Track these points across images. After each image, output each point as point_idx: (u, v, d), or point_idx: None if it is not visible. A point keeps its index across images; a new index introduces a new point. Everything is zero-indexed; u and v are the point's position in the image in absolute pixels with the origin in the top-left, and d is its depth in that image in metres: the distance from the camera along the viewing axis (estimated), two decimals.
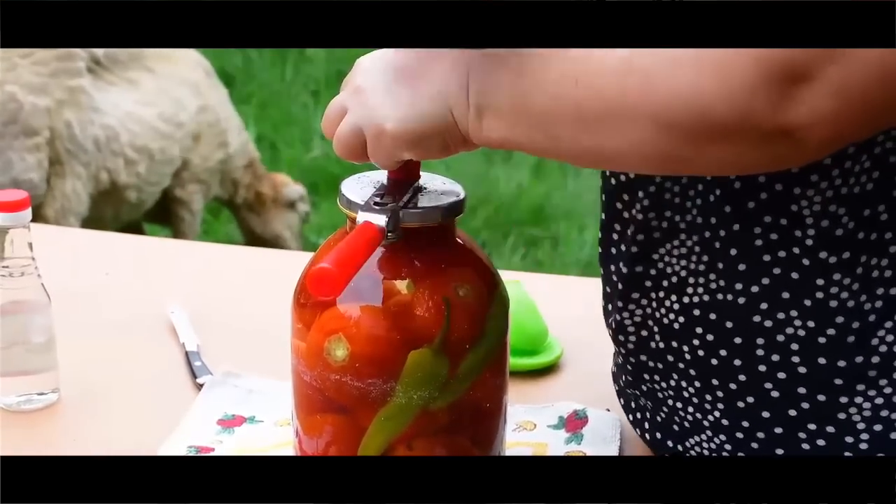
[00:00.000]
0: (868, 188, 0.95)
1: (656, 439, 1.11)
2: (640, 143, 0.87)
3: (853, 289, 0.97)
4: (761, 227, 0.98)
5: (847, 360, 0.98)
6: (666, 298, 1.05)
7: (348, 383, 0.99)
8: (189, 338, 1.34)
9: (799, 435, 1.00)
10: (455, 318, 0.99)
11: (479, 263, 1.05)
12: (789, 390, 0.99)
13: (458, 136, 0.96)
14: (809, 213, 0.96)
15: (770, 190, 0.97)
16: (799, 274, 0.98)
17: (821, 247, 0.97)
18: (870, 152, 0.95)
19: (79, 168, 2.91)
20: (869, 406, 0.98)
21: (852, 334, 0.97)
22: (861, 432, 0.98)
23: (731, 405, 1.02)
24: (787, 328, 0.99)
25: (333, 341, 1.00)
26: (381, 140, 0.97)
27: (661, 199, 1.03)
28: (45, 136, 2.83)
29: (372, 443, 1.01)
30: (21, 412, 1.23)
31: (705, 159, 0.87)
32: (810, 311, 0.98)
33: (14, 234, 1.19)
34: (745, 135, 0.84)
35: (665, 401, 1.08)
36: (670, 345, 1.06)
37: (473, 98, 0.94)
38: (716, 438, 1.04)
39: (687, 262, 1.03)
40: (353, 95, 0.99)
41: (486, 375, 1.02)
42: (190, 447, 1.16)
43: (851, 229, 0.96)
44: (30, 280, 1.21)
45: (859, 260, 0.96)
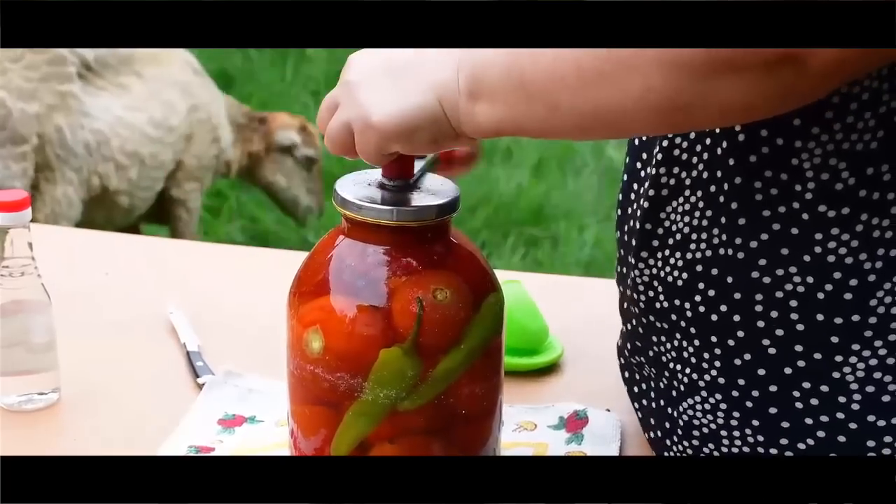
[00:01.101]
0: (872, 146, 0.96)
1: (657, 407, 1.11)
2: (645, 92, 0.87)
3: (852, 245, 0.97)
4: (762, 182, 0.98)
5: (844, 317, 0.98)
6: (671, 256, 1.05)
7: (321, 376, 1.00)
8: (190, 338, 1.34)
9: (793, 393, 1.00)
10: (428, 320, 0.98)
11: (470, 266, 1.04)
12: (786, 347, 1.00)
13: (448, 129, 0.96)
14: (810, 167, 0.97)
15: (771, 144, 0.97)
16: (798, 229, 0.98)
17: (820, 200, 0.97)
18: (874, 111, 0.95)
19: (70, 173, 2.91)
20: (863, 367, 0.98)
21: (850, 291, 0.97)
22: (854, 393, 0.99)
23: (728, 363, 1.03)
24: (786, 284, 0.99)
25: (311, 333, 1.00)
26: (368, 133, 0.97)
27: (671, 155, 1.04)
28: (32, 144, 2.83)
29: (343, 438, 1.01)
30: (22, 412, 1.23)
31: (711, 100, 0.87)
32: (809, 266, 0.98)
33: (14, 233, 1.19)
34: (751, 63, 0.84)
35: (667, 364, 1.09)
36: (673, 303, 1.06)
37: (465, 84, 0.94)
38: (710, 398, 1.05)
39: (691, 218, 1.03)
40: (344, 90, 0.99)
41: (462, 382, 1.00)
42: (190, 447, 1.16)
43: (852, 185, 0.96)
44: (30, 280, 1.21)
45: (859, 217, 0.97)
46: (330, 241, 1.04)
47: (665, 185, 1.05)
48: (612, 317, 1.20)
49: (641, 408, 1.14)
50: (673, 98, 0.87)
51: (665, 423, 1.10)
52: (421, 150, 0.99)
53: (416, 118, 0.96)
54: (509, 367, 1.26)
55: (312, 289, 1.02)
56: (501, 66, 0.93)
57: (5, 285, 1.20)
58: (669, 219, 1.05)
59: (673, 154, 1.04)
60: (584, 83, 0.89)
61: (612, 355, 1.21)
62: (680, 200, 1.04)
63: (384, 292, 0.99)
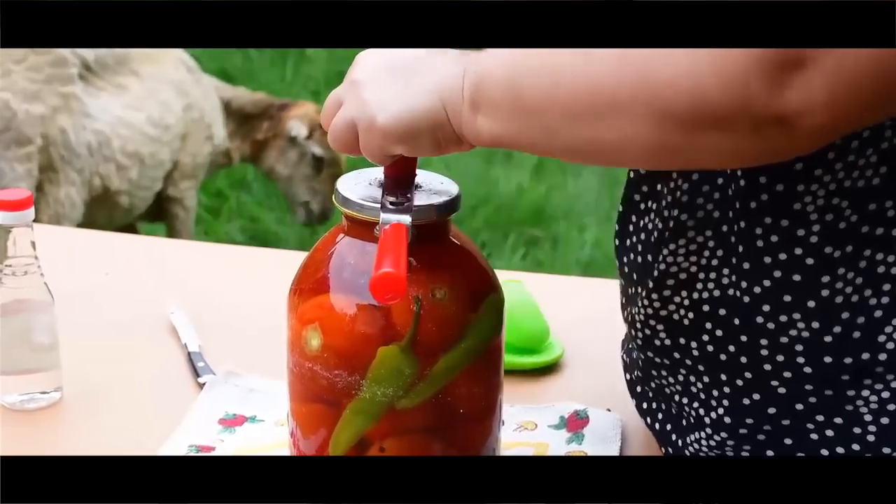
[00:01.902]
0: (874, 183, 0.95)
1: (661, 429, 1.11)
2: (635, 134, 0.87)
3: (857, 283, 0.97)
4: (762, 228, 0.98)
5: (853, 356, 0.97)
6: (675, 295, 1.05)
7: (319, 373, 1.00)
8: (191, 338, 1.34)
9: (807, 426, 1.00)
10: (426, 319, 0.98)
11: (470, 267, 1.04)
12: (796, 387, 0.99)
13: (451, 133, 0.96)
14: (814, 209, 0.96)
15: (771, 191, 0.97)
16: (801, 276, 0.97)
17: (825, 242, 0.96)
18: (876, 147, 0.95)
19: (73, 174, 2.91)
20: (876, 399, 0.98)
21: (858, 330, 0.97)
22: (868, 424, 0.98)
23: (736, 402, 1.02)
24: (791, 330, 0.98)
25: (309, 330, 1.00)
26: (372, 134, 0.97)
27: (673, 197, 1.03)
28: (37, 145, 2.83)
29: (341, 436, 1.01)
30: (24, 411, 1.23)
31: (700, 149, 0.87)
32: (814, 311, 0.97)
33: (17, 233, 1.20)
34: (741, 122, 0.84)
35: (672, 396, 1.08)
36: (678, 341, 1.06)
37: (468, 93, 0.94)
38: (715, 436, 1.04)
39: (698, 257, 1.03)
40: (350, 88, 0.99)
41: (460, 381, 1.00)
42: (191, 446, 1.16)
43: (854, 222, 0.96)
44: (33, 279, 1.21)
45: (862, 254, 0.96)
46: (330, 239, 1.04)
47: (664, 227, 1.04)
48: (613, 317, 1.20)
49: (649, 425, 1.14)
50: (663, 143, 0.87)
51: (668, 448, 1.11)
52: (424, 153, 0.99)
53: (420, 121, 0.96)
54: (510, 366, 1.26)
55: (312, 286, 1.03)
56: (504, 80, 0.93)
57: (8, 284, 1.20)
58: (667, 260, 1.04)
59: (676, 195, 1.03)
60: (578, 116, 0.89)
61: (612, 355, 1.21)
62: (681, 242, 1.03)
63: None
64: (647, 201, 1.07)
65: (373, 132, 0.97)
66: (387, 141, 0.97)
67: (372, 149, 0.98)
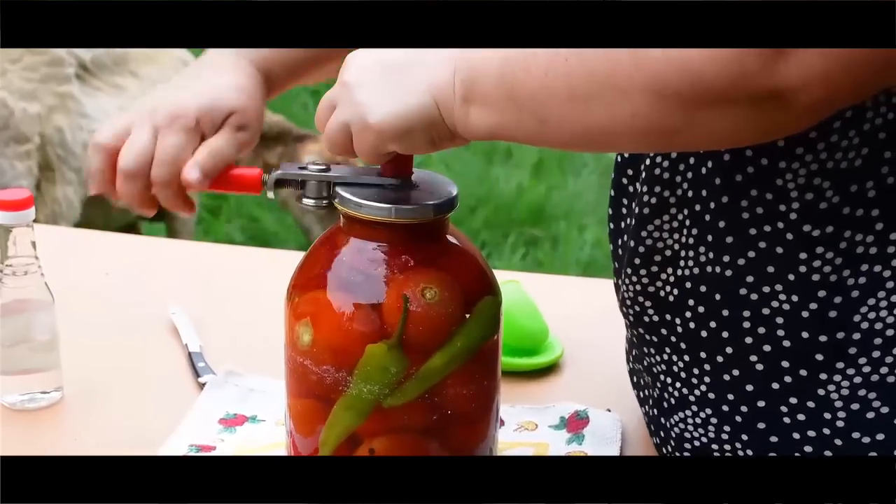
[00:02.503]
0: (856, 164, 0.95)
1: (652, 416, 1.12)
2: (631, 117, 0.88)
3: (836, 263, 0.97)
4: (748, 201, 0.98)
5: (828, 335, 0.98)
6: (661, 272, 1.06)
7: (309, 368, 1.00)
8: (192, 338, 1.35)
9: (781, 409, 1.01)
10: (415, 318, 0.98)
11: (465, 267, 1.04)
12: (773, 363, 1.00)
13: (445, 129, 0.97)
14: (794, 187, 0.97)
15: (756, 164, 0.97)
16: (783, 248, 0.98)
17: (804, 220, 0.97)
18: (858, 128, 0.95)
19: (69, 174, 2.90)
20: (847, 384, 0.98)
21: (834, 309, 0.98)
22: (839, 410, 0.99)
23: (717, 378, 1.03)
24: (773, 301, 0.99)
25: (302, 325, 1.01)
26: (366, 134, 0.98)
27: (653, 174, 1.04)
28: (35, 143, 2.83)
29: (331, 432, 1.01)
30: (24, 411, 1.23)
31: (697, 128, 0.88)
32: (794, 285, 0.98)
33: (17, 232, 1.20)
34: (737, 98, 0.84)
35: (658, 376, 1.09)
36: (664, 318, 1.07)
37: (460, 88, 0.95)
38: (701, 413, 1.05)
39: (679, 235, 1.04)
40: (342, 90, 1.00)
41: (448, 382, 1.00)
42: (191, 446, 1.16)
43: (836, 203, 0.96)
44: (33, 279, 1.21)
45: (843, 235, 0.97)
46: (328, 237, 1.05)
47: (647, 203, 1.05)
48: (613, 317, 1.20)
49: (644, 413, 1.15)
50: (659, 125, 0.88)
51: (660, 432, 1.11)
52: (418, 150, 0.99)
53: (413, 119, 0.96)
54: (509, 367, 1.27)
55: (307, 282, 1.03)
56: (495, 72, 0.93)
57: (9, 284, 1.21)
58: (653, 237, 1.06)
59: (654, 173, 1.04)
60: (573, 102, 0.90)
61: (612, 355, 1.22)
62: (665, 218, 1.05)
63: (375, 288, 1.00)
64: (634, 183, 1.08)
65: (367, 132, 0.97)
66: (381, 140, 0.97)
67: (366, 149, 0.99)
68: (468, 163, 4.05)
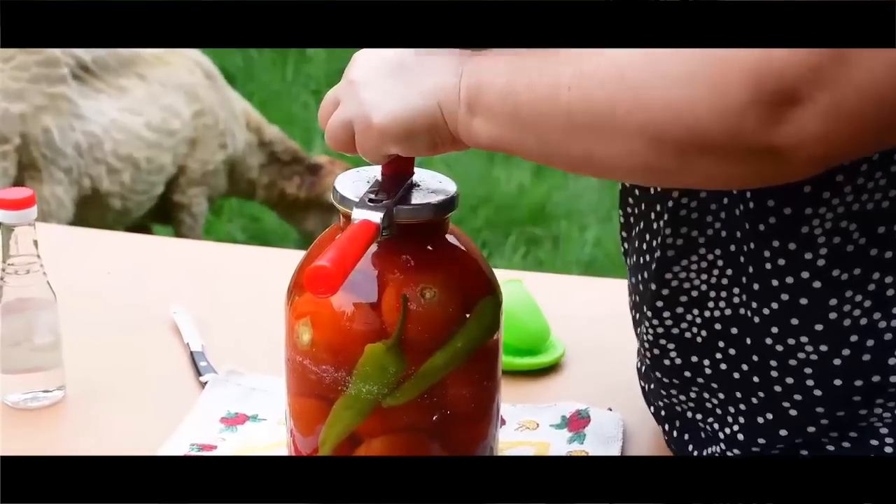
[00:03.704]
0: (883, 206, 0.95)
1: (682, 440, 1.11)
2: (627, 154, 0.87)
3: (865, 306, 0.96)
4: (770, 251, 0.97)
5: (864, 378, 0.97)
6: (687, 313, 1.05)
7: (309, 367, 1.00)
8: (193, 338, 1.35)
9: (822, 440, 1.00)
10: (414, 319, 0.98)
11: (465, 267, 1.04)
12: (806, 410, 0.99)
13: (447, 133, 0.96)
14: (821, 232, 0.95)
15: (779, 213, 0.96)
16: (808, 299, 0.97)
17: (833, 265, 0.96)
18: (885, 170, 0.94)
19: (59, 174, 2.89)
20: (890, 416, 0.98)
21: (868, 353, 0.97)
22: (885, 436, 0.98)
23: (751, 420, 1.02)
24: (799, 353, 0.98)
25: (301, 324, 1.01)
26: (369, 133, 0.97)
27: (677, 215, 1.03)
28: (14, 144, 2.82)
29: (331, 431, 1.01)
30: (27, 410, 1.23)
31: (692, 172, 0.88)
32: (822, 334, 0.97)
33: (19, 231, 1.20)
34: (733, 151, 0.84)
35: (684, 413, 1.08)
36: (689, 360, 1.05)
37: (465, 96, 0.94)
38: (728, 452, 1.04)
39: (708, 275, 1.02)
40: (347, 88, 0.99)
41: (447, 382, 1.00)
42: (192, 445, 1.17)
43: (863, 245, 0.95)
44: (35, 278, 1.21)
45: (871, 277, 0.96)
46: (329, 236, 1.05)
47: (672, 244, 1.04)
48: (614, 316, 1.20)
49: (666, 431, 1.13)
50: (653, 165, 0.88)
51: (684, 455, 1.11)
52: (420, 153, 0.99)
53: (416, 122, 0.96)
54: (511, 366, 1.27)
55: None
56: (500, 86, 0.93)
57: (11, 283, 1.21)
58: (679, 277, 1.04)
59: (680, 213, 1.03)
60: (572, 131, 0.89)
61: (613, 355, 1.22)
62: (693, 259, 1.03)
63: (374, 288, 1.00)
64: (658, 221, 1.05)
65: (369, 132, 0.97)
66: (383, 140, 0.97)
67: (368, 148, 0.99)
68: (469, 162, 4.05)
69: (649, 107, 0.85)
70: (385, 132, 0.96)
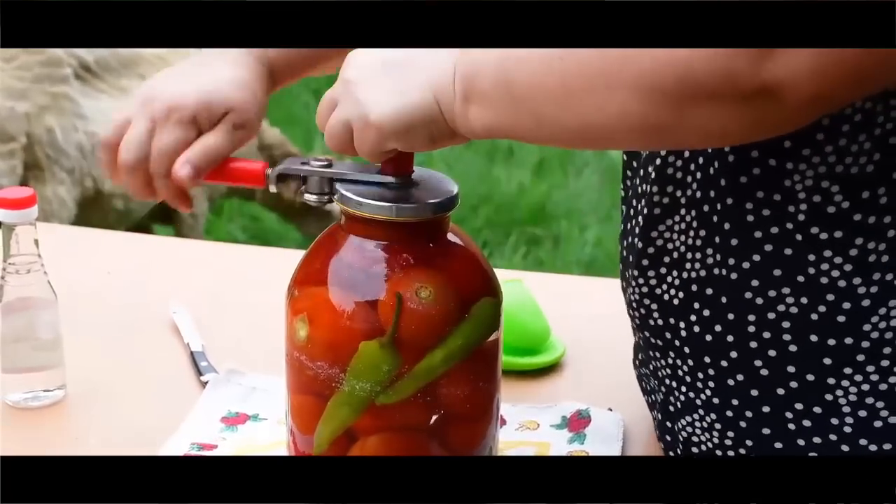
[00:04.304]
0: (868, 170, 0.95)
1: (659, 419, 1.12)
2: (623, 114, 0.88)
3: (845, 269, 0.97)
4: (753, 203, 0.98)
5: (837, 339, 0.98)
6: (668, 274, 1.06)
7: (305, 363, 1.01)
8: (193, 338, 1.35)
9: (786, 414, 1.00)
10: (409, 318, 0.98)
11: (464, 267, 1.04)
12: (779, 368, 1.00)
13: (445, 127, 0.97)
14: (801, 188, 0.96)
15: (763, 165, 0.97)
16: (792, 249, 0.98)
17: (812, 222, 0.97)
18: (869, 133, 0.94)
19: (61, 174, 2.89)
20: (855, 391, 0.98)
21: (843, 314, 0.97)
22: (846, 416, 0.99)
23: (721, 383, 1.03)
24: (779, 305, 0.99)
25: (298, 321, 1.01)
26: (367, 131, 0.98)
27: (664, 174, 1.04)
28: (21, 143, 2.82)
29: (325, 428, 1.02)
30: (27, 409, 1.23)
31: (688, 125, 0.88)
32: (802, 287, 0.98)
33: (20, 231, 1.20)
34: (727, 95, 0.84)
35: (664, 380, 1.09)
36: (668, 321, 1.06)
37: (459, 85, 0.95)
38: (706, 417, 1.05)
39: (686, 237, 1.04)
40: (343, 88, 1.00)
41: (442, 382, 1.00)
42: (193, 444, 1.17)
43: (846, 209, 0.96)
44: (36, 277, 1.21)
45: (854, 241, 0.96)
46: (329, 234, 1.05)
47: (658, 203, 1.05)
48: (614, 316, 1.20)
49: (653, 418, 1.15)
50: (650, 122, 0.88)
51: (667, 435, 1.11)
52: (419, 148, 0.99)
53: (414, 117, 0.96)
54: (511, 366, 1.27)
55: (306, 279, 1.03)
56: (493, 71, 0.94)
57: (12, 282, 1.21)
58: (663, 237, 1.05)
59: (667, 172, 1.04)
60: (567, 99, 0.90)
61: (614, 355, 1.22)
62: (675, 219, 1.04)
63: (371, 286, 1.00)
64: (643, 184, 1.08)
65: (367, 130, 0.98)
66: (381, 137, 0.97)
67: (367, 146, 0.99)
68: (470, 162, 4.05)
69: (638, 61, 0.86)
70: (383, 129, 0.97)
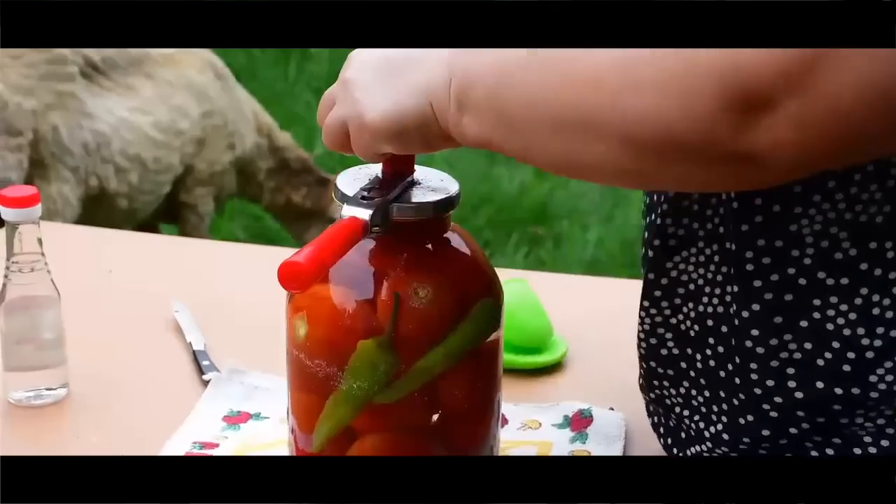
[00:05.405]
0: (877, 220, 0.94)
1: (667, 444, 1.11)
2: (607, 157, 0.87)
3: (850, 318, 0.95)
4: (753, 252, 0.97)
5: (843, 388, 0.96)
6: (683, 305, 1.04)
7: (304, 362, 1.01)
8: (195, 337, 1.35)
9: (806, 444, 0.99)
10: (407, 317, 0.98)
11: (464, 267, 1.03)
12: (788, 413, 0.99)
13: (439, 130, 0.96)
14: (809, 232, 0.95)
15: (766, 212, 0.96)
16: (793, 295, 0.96)
17: (819, 267, 0.95)
18: (881, 183, 0.93)
19: (65, 172, 2.90)
20: (872, 426, 0.97)
21: (848, 364, 0.96)
22: (869, 445, 0.97)
23: (734, 420, 1.02)
24: (782, 353, 0.97)
25: (298, 319, 1.01)
26: (362, 132, 0.97)
27: (679, 205, 1.03)
28: (28, 138, 2.82)
29: (323, 426, 1.02)
30: (30, 407, 1.23)
31: (669, 177, 0.88)
32: (807, 332, 0.96)
33: (23, 229, 1.20)
34: (707, 156, 0.83)
35: (672, 408, 1.08)
36: (685, 351, 1.05)
37: (455, 93, 0.94)
38: (716, 451, 1.04)
39: (705, 270, 1.02)
40: (342, 87, 1.00)
41: (441, 381, 1.00)
42: (195, 443, 1.17)
43: (853, 256, 0.95)
44: (39, 276, 1.21)
45: (859, 291, 0.95)
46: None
47: (673, 235, 1.03)
48: (616, 316, 1.20)
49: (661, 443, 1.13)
50: (629, 168, 0.87)
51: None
52: (413, 150, 0.99)
53: (407, 119, 0.96)
54: (513, 365, 1.27)
55: None
56: (489, 86, 0.92)
57: (15, 281, 1.21)
58: (678, 268, 1.04)
59: (682, 204, 1.02)
60: (555, 134, 0.89)
61: (616, 354, 1.22)
62: (692, 251, 1.03)
63: (369, 285, 1.00)
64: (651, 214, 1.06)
65: (362, 131, 0.97)
66: (376, 139, 0.97)
67: (363, 147, 0.99)
68: (471, 161, 4.05)
69: (624, 113, 0.85)
70: (377, 131, 0.97)
